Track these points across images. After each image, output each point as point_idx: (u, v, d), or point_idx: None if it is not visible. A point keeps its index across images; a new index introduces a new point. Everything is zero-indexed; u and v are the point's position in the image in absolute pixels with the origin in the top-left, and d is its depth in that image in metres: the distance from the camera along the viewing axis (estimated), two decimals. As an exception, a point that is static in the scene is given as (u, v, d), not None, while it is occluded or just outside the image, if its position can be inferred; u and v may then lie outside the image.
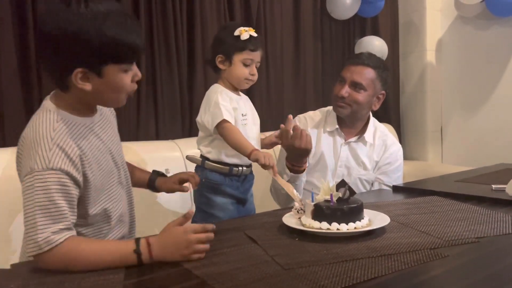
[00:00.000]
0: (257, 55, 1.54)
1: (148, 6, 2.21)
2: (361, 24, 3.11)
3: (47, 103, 1.05)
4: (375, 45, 2.92)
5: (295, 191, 1.31)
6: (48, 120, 1.01)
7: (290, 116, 1.53)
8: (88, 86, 0.99)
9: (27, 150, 0.98)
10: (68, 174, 0.97)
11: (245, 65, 1.52)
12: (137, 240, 0.95)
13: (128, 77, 1.03)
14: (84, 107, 1.07)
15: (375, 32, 3.11)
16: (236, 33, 1.50)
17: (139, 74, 1.06)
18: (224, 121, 1.45)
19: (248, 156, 1.39)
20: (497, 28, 2.92)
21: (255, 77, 1.56)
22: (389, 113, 3.22)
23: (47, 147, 0.96)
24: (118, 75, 1.01)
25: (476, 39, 3.02)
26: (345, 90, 1.72)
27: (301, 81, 2.86)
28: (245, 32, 1.50)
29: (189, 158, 1.64)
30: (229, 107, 1.50)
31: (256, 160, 1.35)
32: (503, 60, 2.92)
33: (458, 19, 3.12)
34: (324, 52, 2.97)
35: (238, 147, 1.44)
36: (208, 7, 2.41)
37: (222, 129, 1.46)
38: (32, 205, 0.93)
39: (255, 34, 1.52)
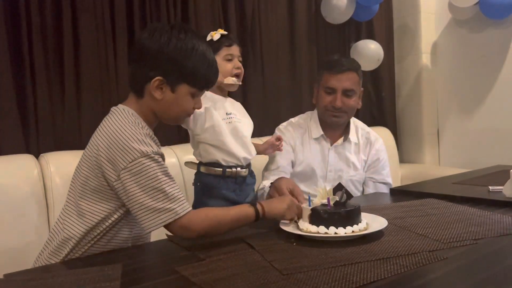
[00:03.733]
0: (234, 49, 1.59)
1: (142, 14, 2.21)
2: (356, 28, 3.12)
3: (124, 107, 1.17)
4: (371, 48, 2.93)
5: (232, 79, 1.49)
6: (132, 119, 1.13)
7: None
8: (159, 95, 1.15)
9: (123, 143, 1.07)
10: (163, 157, 1.13)
11: (227, 61, 1.57)
12: (250, 203, 1.15)
13: (193, 102, 1.20)
14: (150, 117, 1.20)
15: (370, 36, 3.12)
16: (208, 37, 1.58)
17: (200, 104, 1.24)
18: None
19: None
20: (491, 31, 2.93)
21: (241, 72, 1.58)
22: (385, 116, 3.22)
23: (145, 138, 1.09)
24: (187, 96, 1.18)
25: (470, 41, 3.03)
26: (340, 100, 1.72)
27: (297, 85, 2.86)
28: (216, 34, 1.57)
29: (187, 164, 1.65)
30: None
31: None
32: (497, 62, 2.93)
33: (452, 22, 3.14)
34: (319, 57, 2.97)
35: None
36: (203, 14, 2.41)
37: None
38: (157, 181, 1.05)
39: (225, 32, 1.59)
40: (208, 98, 1.55)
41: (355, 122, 1.88)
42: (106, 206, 1.13)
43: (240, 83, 1.59)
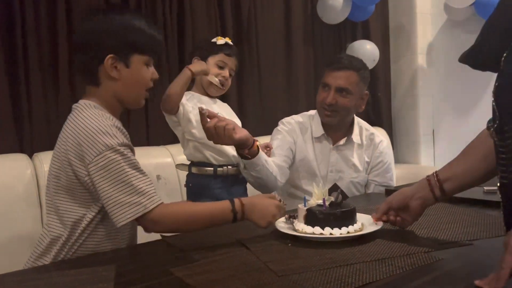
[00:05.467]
0: (231, 61, 1.62)
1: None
2: (352, 29, 3.12)
3: (86, 102, 1.14)
4: (366, 49, 2.94)
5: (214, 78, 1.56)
6: (96, 112, 1.11)
7: (200, 109, 1.33)
8: (116, 74, 1.13)
9: (89, 137, 1.06)
10: (131, 149, 1.11)
11: (219, 67, 1.60)
12: (232, 201, 1.09)
13: (149, 72, 1.18)
14: (113, 105, 1.17)
15: (366, 36, 3.12)
16: (213, 39, 1.62)
17: (156, 74, 1.21)
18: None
19: (191, 75, 1.50)
20: (487, 32, 2.94)
21: (226, 83, 1.61)
22: (381, 117, 3.23)
23: (111, 129, 1.07)
24: (142, 67, 1.16)
25: (466, 42, 3.00)
26: (332, 97, 1.68)
27: (293, 86, 2.86)
28: (222, 39, 1.61)
29: (178, 166, 1.65)
30: (187, 94, 1.59)
31: (201, 71, 1.50)
32: (492, 63, 2.94)
33: (448, 23, 3.15)
34: (315, 57, 2.98)
35: (177, 83, 1.49)
36: (199, 14, 2.40)
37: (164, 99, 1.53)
38: (123, 174, 1.03)
39: (231, 43, 1.63)
40: (196, 98, 1.57)
41: (359, 123, 1.83)
42: (79, 204, 1.11)
43: (221, 87, 1.61)
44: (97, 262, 1.02)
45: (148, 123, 2.26)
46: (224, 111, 1.64)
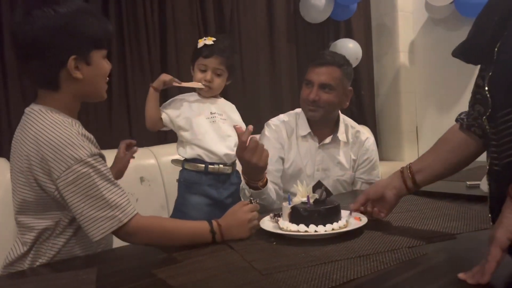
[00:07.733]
0: (210, 61, 1.59)
1: (117, 11, 2.17)
2: (335, 27, 3.13)
3: (41, 107, 1.05)
4: (349, 47, 2.95)
5: (196, 84, 1.56)
6: (55, 118, 1.03)
7: (251, 127, 1.33)
8: (80, 75, 1.05)
9: (54, 150, 0.98)
10: (102, 157, 1.05)
11: (201, 71, 1.59)
12: (209, 222, 1.07)
13: (107, 64, 1.12)
14: (74, 105, 1.10)
15: (349, 35, 3.14)
16: (198, 44, 1.62)
17: (110, 64, 1.14)
18: None
19: (154, 91, 1.55)
20: (467, 29, 2.91)
21: (211, 84, 1.61)
22: (364, 114, 3.25)
23: (76, 138, 1.00)
24: (101, 60, 1.10)
25: (447, 39, 3.08)
26: (315, 93, 1.67)
27: (277, 84, 2.86)
28: (201, 41, 1.60)
29: (173, 161, 1.67)
30: (176, 101, 1.62)
31: (161, 82, 1.54)
32: (473, 60, 2.98)
33: (429, 21, 3.18)
34: (298, 56, 2.98)
35: (147, 103, 1.57)
36: (181, 14, 2.38)
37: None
38: (94, 189, 0.98)
39: (209, 42, 1.60)
40: (194, 98, 1.59)
41: (345, 120, 1.82)
42: (49, 216, 1.05)
43: (203, 87, 1.59)
44: (78, 265, 1.01)
45: (131, 124, 2.23)
46: (222, 110, 1.65)
